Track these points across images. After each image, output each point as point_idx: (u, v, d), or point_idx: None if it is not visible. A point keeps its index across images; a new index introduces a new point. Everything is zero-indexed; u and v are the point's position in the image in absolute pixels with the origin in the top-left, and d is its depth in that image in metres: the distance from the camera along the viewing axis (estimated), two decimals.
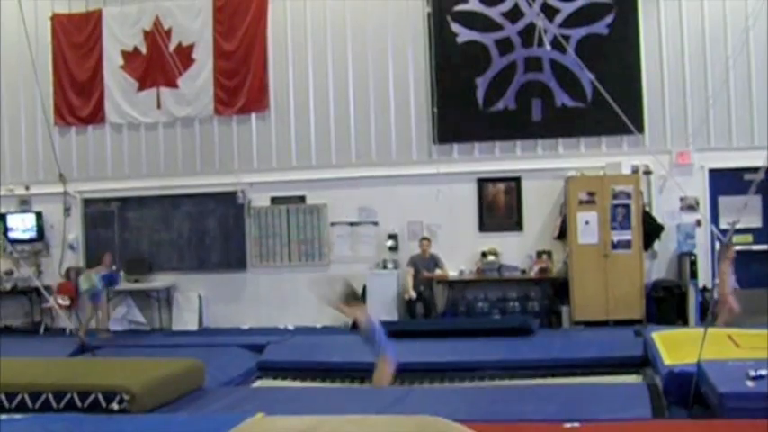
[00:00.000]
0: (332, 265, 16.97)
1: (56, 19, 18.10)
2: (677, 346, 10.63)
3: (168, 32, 17.57)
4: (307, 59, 17.29)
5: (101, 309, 16.36)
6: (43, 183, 18.16)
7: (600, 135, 16.12)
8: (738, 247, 14.87)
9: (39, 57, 17.22)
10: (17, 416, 8.56)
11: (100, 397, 9.09)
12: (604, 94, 11.83)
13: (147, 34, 17.68)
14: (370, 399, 9.82)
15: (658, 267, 16.02)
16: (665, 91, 16.02)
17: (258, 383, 12.41)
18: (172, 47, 17.54)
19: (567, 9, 16.06)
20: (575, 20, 16.03)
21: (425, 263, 16.21)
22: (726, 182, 15.57)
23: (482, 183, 16.69)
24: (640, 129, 15.33)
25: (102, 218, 18.08)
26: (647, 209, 15.79)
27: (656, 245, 15.87)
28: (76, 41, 18.05)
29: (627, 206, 15.46)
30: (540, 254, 16.30)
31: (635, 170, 15.89)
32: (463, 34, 16.51)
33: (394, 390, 10.36)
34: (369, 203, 16.94)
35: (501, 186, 16.68)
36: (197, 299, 17.59)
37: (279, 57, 17.36)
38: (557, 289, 16.05)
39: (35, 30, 17.28)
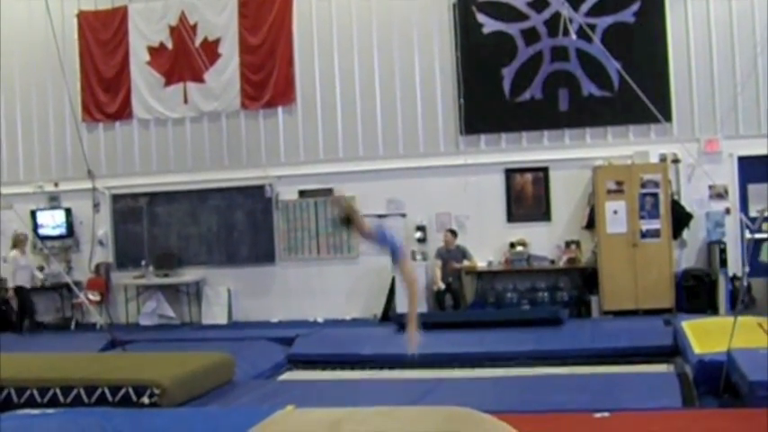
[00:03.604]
0: (360, 258, 16.96)
1: (82, 16, 18.18)
2: (707, 335, 10.60)
3: (194, 27, 17.60)
4: (332, 52, 17.27)
5: None
6: (72, 179, 18.24)
7: (627, 124, 16.01)
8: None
9: (66, 54, 17.20)
10: (49, 410, 8.64)
11: (131, 391, 9.18)
12: (631, 82, 11.75)
13: (172, 29, 17.73)
14: (400, 390, 9.87)
15: (688, 256, 15.91)
16: (692, 78, 15.90)
17: (288, 376, 12.48)
18: (198, 42, 17.56)
19: None
20: (600, 8, 15.92)
21: (453, 254, 16.18)
22: (755, 169, 15.42)
23: (510, 173, 16.64)
24: (668, 117, 15.22)
25: (131, 213, 18.14)
26: (676, 197, 15.69)
27: (685, 233, 15.76)
28: (103, 38, 18.14)
29: (655, 195, 15.38)
30: (568, 244, 16.24)
31: (663, 159, 15.79)
32: (489, 25, 16.45)
33: (424, 381, 10.38)
34: (397, 195, 16.88)
35: (528, 176, 16.62)
36: (226, 293, 17.63)
37: (305, 50, 17.36)
38: (586, 279, 16.00)
39: (62, 27, 17.24)
